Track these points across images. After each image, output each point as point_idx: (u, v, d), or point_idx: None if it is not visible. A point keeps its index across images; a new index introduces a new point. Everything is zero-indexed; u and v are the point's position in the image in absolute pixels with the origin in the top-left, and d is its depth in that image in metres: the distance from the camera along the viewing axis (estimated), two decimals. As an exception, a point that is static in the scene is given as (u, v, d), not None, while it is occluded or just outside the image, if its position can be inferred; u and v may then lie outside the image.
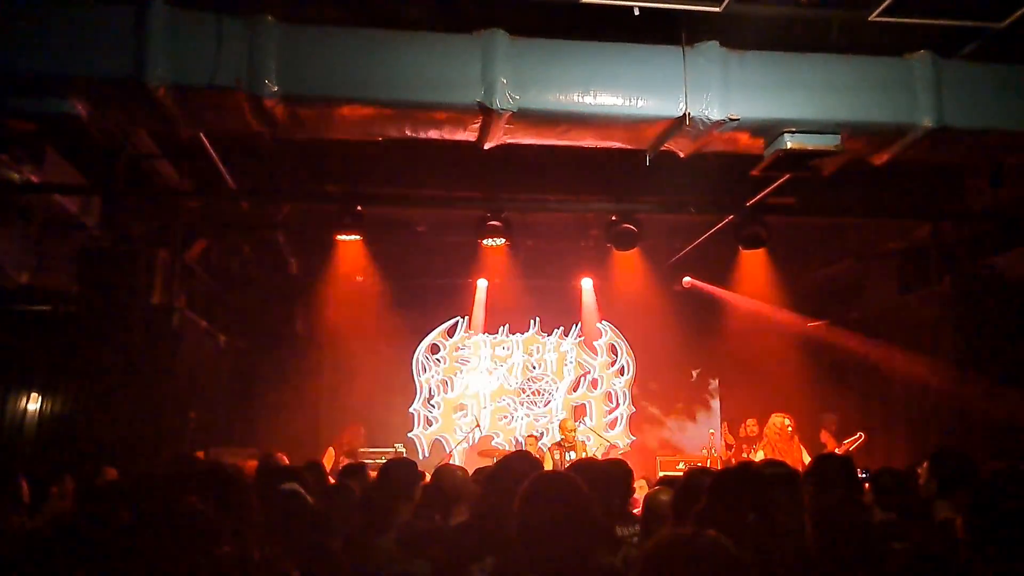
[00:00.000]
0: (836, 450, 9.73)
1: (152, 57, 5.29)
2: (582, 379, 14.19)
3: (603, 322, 14.18)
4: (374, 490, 4.79)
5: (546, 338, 14.18)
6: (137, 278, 9.70)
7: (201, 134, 7.12)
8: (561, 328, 14.17)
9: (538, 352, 14.16)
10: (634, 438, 13.88)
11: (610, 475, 4.29)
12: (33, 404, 8.74)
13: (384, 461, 5.88)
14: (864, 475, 7.59)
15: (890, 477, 4.83)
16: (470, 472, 5.30)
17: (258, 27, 5.48)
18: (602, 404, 14.13)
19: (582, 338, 14.20)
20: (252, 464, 7.41)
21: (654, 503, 4.14)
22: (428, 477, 5.91)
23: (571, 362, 14.20)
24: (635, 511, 4.73)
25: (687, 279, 13.15)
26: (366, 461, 9.05)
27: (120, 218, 9.46)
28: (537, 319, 14.10)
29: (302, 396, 12.77)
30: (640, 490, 6.97)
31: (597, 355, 14.26)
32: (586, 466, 4.51)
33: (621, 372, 14.26)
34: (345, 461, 10.04)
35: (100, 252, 9.36)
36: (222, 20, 5.47)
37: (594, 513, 2.85)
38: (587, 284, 13.63)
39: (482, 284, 13.43)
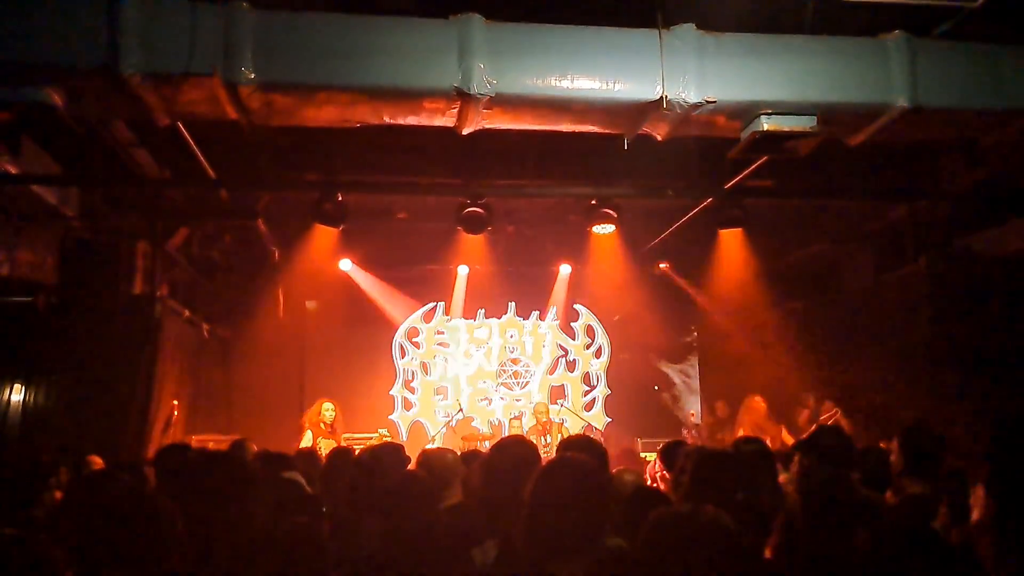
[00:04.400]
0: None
1: (126, 45, 5.25)
2: (560, 361, 14.27)
3: (579, 304, 14.26)
4: (362, 475, 4.79)
5: (523, 322, 14.24)
6: (118, 268, 9.71)
7: (179, 123, 7.10)
8: (538, 312, 14.23)
9: (516, 335, 14.22)
10: (610, 420, 13.95)
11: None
12: (17, 395, 8.73)
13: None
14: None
15: (874, 456, 4.88)
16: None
17: (233, 14, 5.45)
18: (579, 386, 14.22)
19: (558, 321, 14.27)
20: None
21: (618, 484, 4.15)
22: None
23: (548, 344, 14.27)
24: None
25: (663, 264, 13.21)
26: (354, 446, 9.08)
27: (99, 208, 9.43)
28: (513, 304, 14.16)
29: (285, 383, 12.81)
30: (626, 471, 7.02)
31: (575, 337, 14.33)
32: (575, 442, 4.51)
33: (598, 354, 14.33)
34: (323, 436, 10.07)
35: (80, 243, 9.34)
36: (196, 7, 5.43)
37: (608, 497, 2.86)
38: (565, 269, 13.66)
39: (463, 271, 13.45)
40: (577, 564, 2.66)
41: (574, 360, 14.31)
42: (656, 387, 14.43)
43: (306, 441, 10.12)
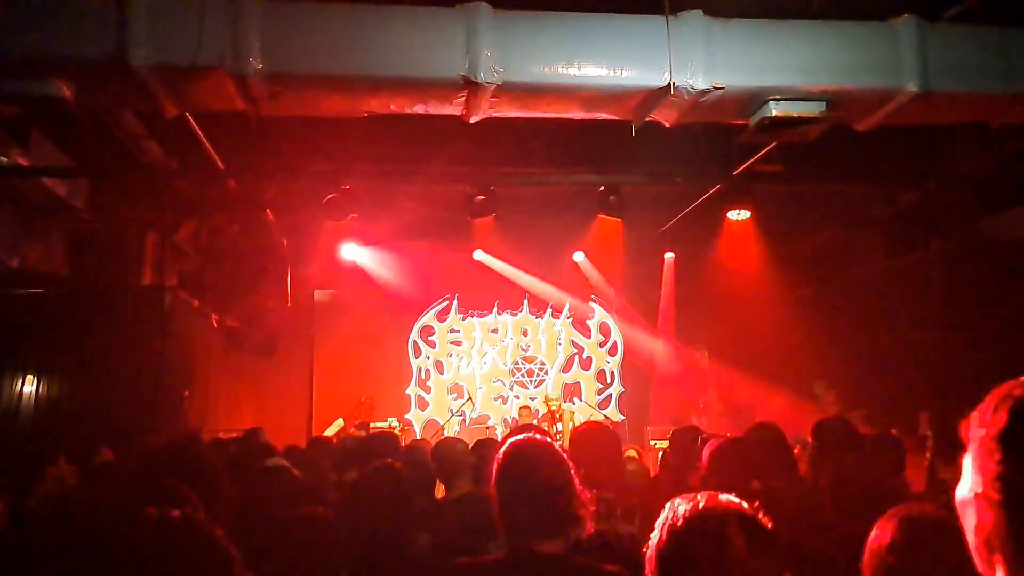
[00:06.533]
0: None
1: (135, 37, 5.26)
2: (574, 358, 14.28)
3: (593, 301, 14.24)
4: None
5: (537, 320, 14.25)
6: (127, 259, 9.75)
7: (187, 113, 7.11)
8: (551, 309, 14.23)
9: (530, 333, 14.23)
10: (623, 417, 13.95)
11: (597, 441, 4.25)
12: (29, 387, 8.78)
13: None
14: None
15: (885, 442, 4.87)
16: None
17: (240, 5, 5.44)
18: (594, 383, 14.22)
19: (572, 318, 14.27)
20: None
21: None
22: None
23: (563, 342, 14.28)
24: None
25: (669, 254, 13.18)
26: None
27: (109, 200, 9.45)
28: (527, 299, 14.16)
29: (295, 373, 12.84)
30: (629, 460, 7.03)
31: (589, 334, 14.33)
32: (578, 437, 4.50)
33: (613, 351, 14.34)
34: (354, 427, 10.19)
35: (90, 234, 9.37)
36: (204, -2, 5.45)
37: (572, 481, 2.86)
38: (578, 257, 13.64)
39: (479, 255, 13.39)
40: (558, 543, 2.73)
41: (589, 358, 14.34)
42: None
43: (335, 427, 10.24)
